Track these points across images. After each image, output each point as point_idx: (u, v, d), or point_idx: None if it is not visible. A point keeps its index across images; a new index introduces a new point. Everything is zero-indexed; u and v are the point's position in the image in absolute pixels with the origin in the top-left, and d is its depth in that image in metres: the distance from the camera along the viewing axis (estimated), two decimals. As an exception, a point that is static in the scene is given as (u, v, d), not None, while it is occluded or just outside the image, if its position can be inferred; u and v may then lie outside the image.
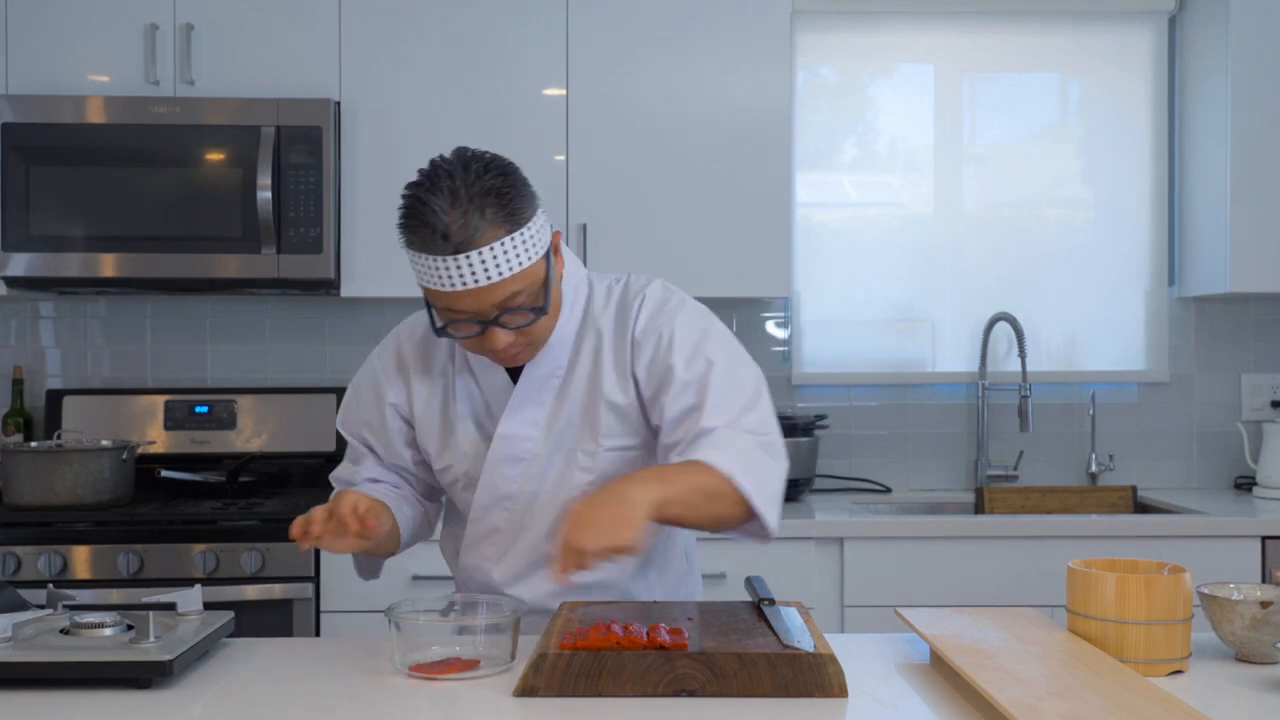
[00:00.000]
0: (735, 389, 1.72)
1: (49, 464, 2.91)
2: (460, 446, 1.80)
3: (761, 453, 1.69)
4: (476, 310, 1.62)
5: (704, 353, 1.73)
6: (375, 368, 1.88)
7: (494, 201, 1.59)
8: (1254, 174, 3.24)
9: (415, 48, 3.18)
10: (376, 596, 2.79)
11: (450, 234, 1.58)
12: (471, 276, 1.59)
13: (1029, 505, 3.40)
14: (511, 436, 1.77)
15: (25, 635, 1.57)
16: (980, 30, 3.59)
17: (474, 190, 1.59)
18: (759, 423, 1.71)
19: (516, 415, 1.77)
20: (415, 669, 1.54)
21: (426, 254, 1.60)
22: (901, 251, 3.61)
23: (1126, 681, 1.38)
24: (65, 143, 3.05)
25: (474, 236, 1.58)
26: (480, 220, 1.58)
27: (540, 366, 1.76)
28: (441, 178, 1.61)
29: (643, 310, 1.77)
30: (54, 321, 3.52)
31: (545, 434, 1.78)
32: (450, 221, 1.58)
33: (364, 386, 1.88)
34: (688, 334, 1.74)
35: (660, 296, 1.79)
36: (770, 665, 1.44)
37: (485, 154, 1.66)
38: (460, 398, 1.80)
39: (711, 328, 1.78)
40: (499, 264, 1.59)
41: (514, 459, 1.78)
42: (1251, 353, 3.61)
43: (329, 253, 3.08)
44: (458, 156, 1.65)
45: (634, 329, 1.76)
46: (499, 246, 1.59)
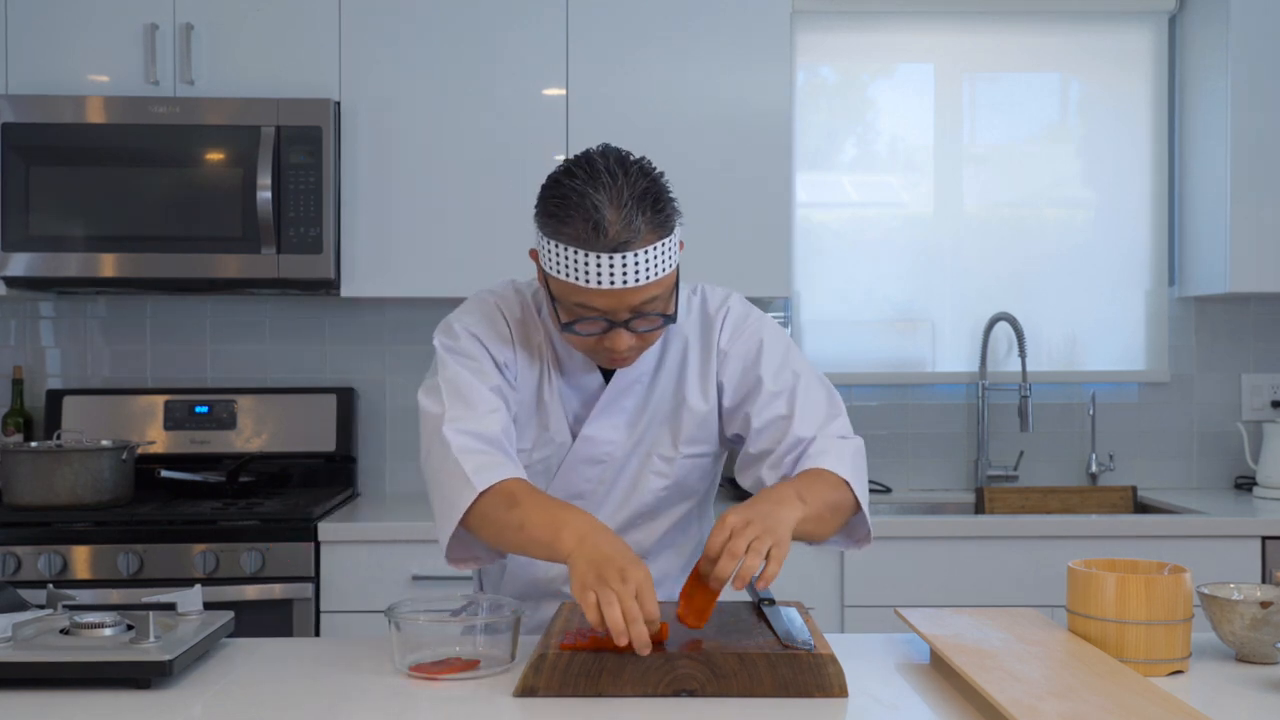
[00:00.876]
0: (818, 400, 1.79)
1: (49, 464, 2.91)
2: (551, 434, 1.80)
3: (860, 459, 1.76)
4: (611, 310, 1.63)
5: (790, 365, 1.80)
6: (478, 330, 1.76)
7: (651, 205, 1.61)
8: (1254, 174, 3.24)
9: (415, 48, 3.18)
10: (376, 596, 2.80)
11: (611, 232, 1.58)
12: (622, 277, 1.59)
13: (1029, 505, 3.40)
14: (595, 439, 1.79)
15: (25, 635, 1.56)
16: (980, 30, 3.59)
17: (634, 192, 1.60)
18: (848, 428, 1.79)
19: (602, 418, 1.79)
20: (415, 669, 1.54)
21: (579, 248, 1.59)
22: (901, 251, 3.61)
23: (1127, 682, 1.38)
24: (65, 143, 3.05)
25: (633, 239, 1.58)
26: (640, 222, 1.59)
27: (629, 371, 1.78)
28: (602, 174, 1.61)
29: (728, 321, 1.82)
30: (54, 321, 3.51)
31: (627, 437, 1.80)
32: (612, 220, 1.58)
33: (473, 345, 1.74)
34: (774, 346, 1.81)
35: (743, 310, 1.85)
36: (770, 665, 1.44)
37: (633, 155, 1.67)
38: (555, 388, 1.80)
39: (790, 341, 1.85)
40: (649, 268, 1.60)
41: (594, 460, 1.80)
42: (1252, 353, 3.61)
43: (329, 253, 3.08)
44: (614, 155, 1.65)
45: (720, 339, 1.81)
46: (652, 250, 1.60)
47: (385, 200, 3.19)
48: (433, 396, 1.72)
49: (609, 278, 1.59)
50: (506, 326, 1.78)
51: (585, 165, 1.63)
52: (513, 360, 1.77)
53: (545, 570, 1.82)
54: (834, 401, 1.81)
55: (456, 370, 1.72)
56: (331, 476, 3.39)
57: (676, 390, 1.81)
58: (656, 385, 1.81)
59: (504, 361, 1.76)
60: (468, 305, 1.81)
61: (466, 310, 1.80)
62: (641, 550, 1.82)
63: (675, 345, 1.82)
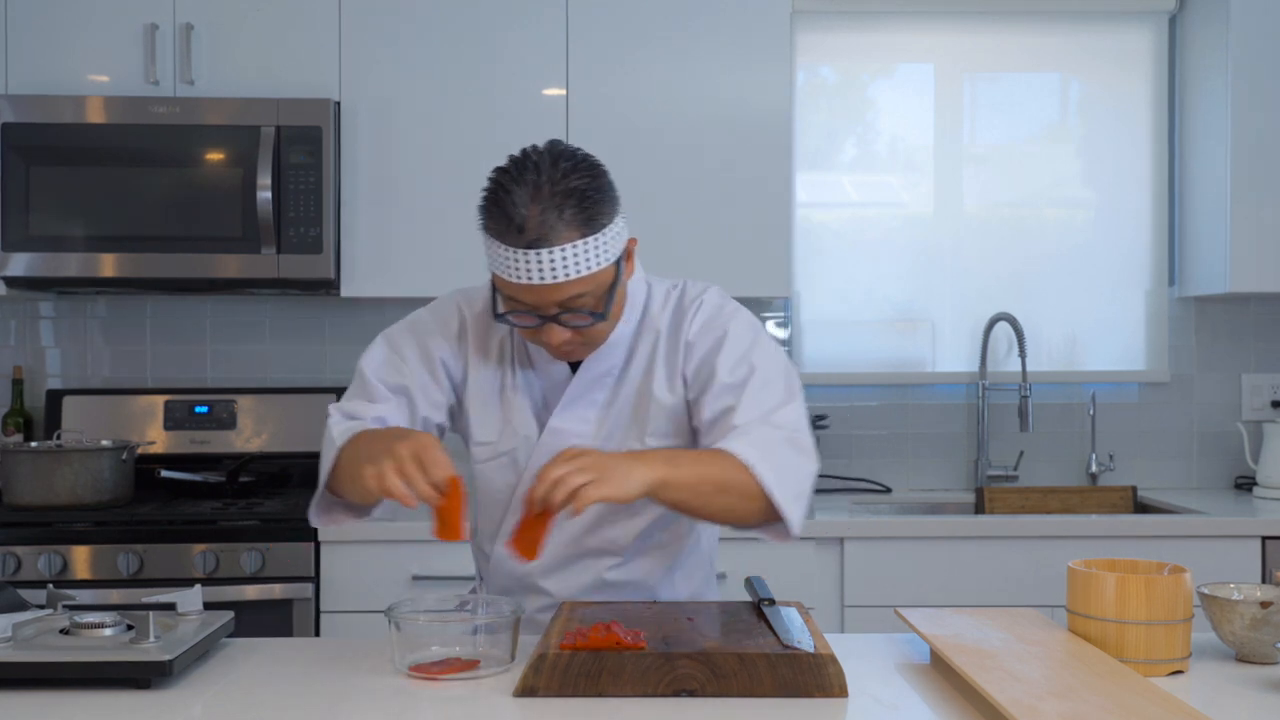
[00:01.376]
0: (769, 391, 1.73)
1: (49, 464, 2.91)
2: (515, 428, 1.80)
3: (788, 447, 1.68)
4: (538, 305, 1.64)
5: (749, 359, 1.75)
6: (426, 322, 1.83)
7: (575, 203, 1.61)
8: (1254, 174, 3.24)
9: (415, 48, 3.18)
10: (376, 596, 2.80)
11: (526, 228, 1.59)
12: (539, 273, 1.60)
13: (1029, 505, 3.40)
14: (562, 431, 1.79)
15: (25, 635, 1.56)
16: (980, 30, 3.59)
17: (558, 189, 1.61)
18: (789, 420, 1.71)
19: (570, 410, 1.79)
20: (415, 669, 1.54)
21: (500, 242, 1.62)
22: (901, 251, 3.60)
23: (1127, 682, 1.38)
24: (65, 143, 3.05)
25: (548, 235, 1.59)
26: (558, 220, 1.60)
27: (597, 364, 1.79)
28: (528, 170, 1.62)
29: (699, 314, 1.80)
30: (54, 321, 3.51)
31: (595, 430, 1.80)
32: (529, 216, 1.59)
33: (418, 337, 1.82)
34: (737, 340, 1.77)
35: (717, 303, 1.82)
36: (770, 665, 1.44)
37: (577, 151, 1.67)
38: (519, 380, 1.81)
39: (760, 337, 1.80)
40: (568, 265, 1.61)
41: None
42: (1252, 353, 3.61)
43: (329, 253, 3.08)
44: (549, 149, 1.66)
45: (688, 331, 1.79)
46: (570, 248, 1.60)
47: (385, 200, 3.18)
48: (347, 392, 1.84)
49: (526, 273, 1.61)
50: (459, 323, 1.82)
51: (519, 160, 1.65)
52: (453, 356, 1.82)
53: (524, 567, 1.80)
54: (790, 394, 1.75)
55: (364, 366, 1.81)
56: (331, 476, 3.39)
57: (644, 382, 1.80)
58: (626, 378, 1.80)
59: (441, 357, 1.81)
60: (436, 302, 1.87)
61: (430, 307, 1.86)
62: (618, 548, 1.82)
63: (647, 338, 1.81)
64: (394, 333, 1.84)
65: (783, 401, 1.73)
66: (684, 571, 1.90)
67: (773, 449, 1.66)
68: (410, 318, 1.86)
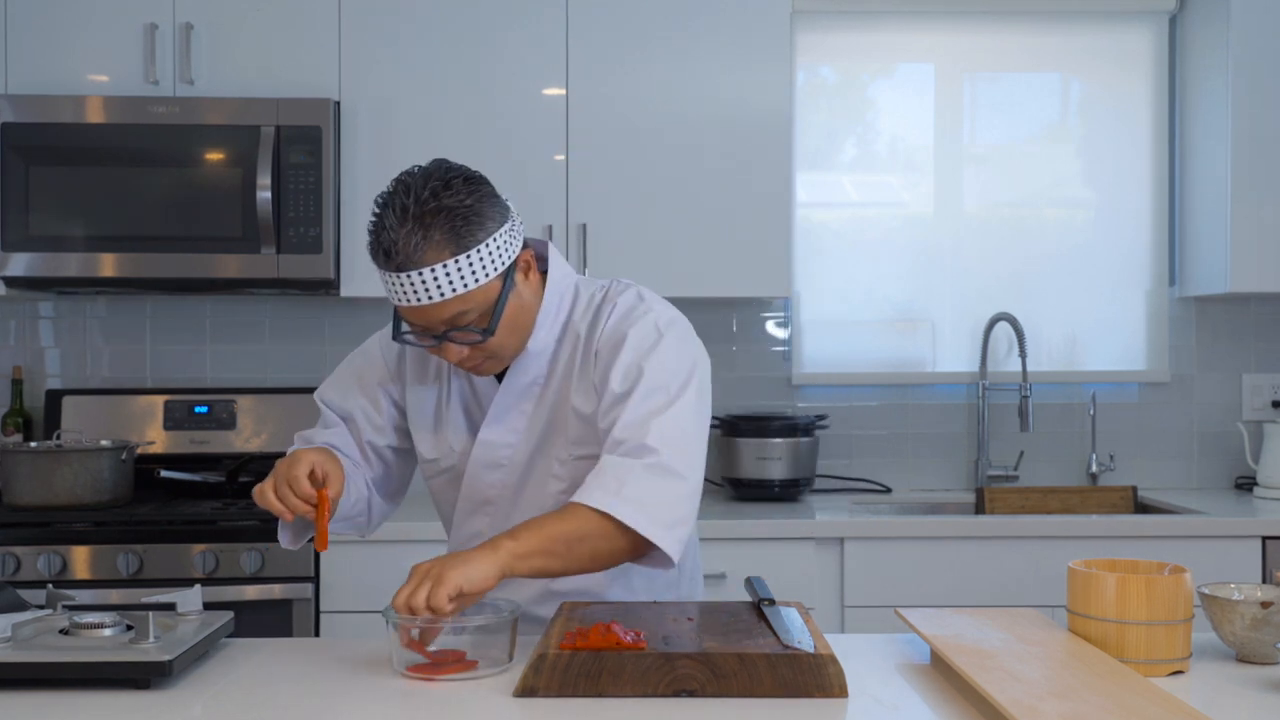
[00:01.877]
0: (653, 398, 1.68)
1: (48, 464, 2.91)
2: (450, 443, 1.83)
3: (650, 476, 1.63)
4: (424, 325, 1.67)
5: (640, 363, 1.70)
6: (373, 351, 1.90)
7: (444, 223, 1.60)
8: (1254, 174, 3.24)
9: (415, 47, 3.18)
10: (376, 596, 2.80)
11: (393, 252, 1.60)
12: (413, 294, 1.62)
13: (1029, 505, 3.40)
14: (491, 443, 1.80)
15: (25, 635, 1.56)
16: (980, 30, 3.59)
17: (426, 209, 1.60)
18: (660, 436, 1.64)
19: (497, 423, 1.80)
20: (412, 669, 1.54)
21: (377, 267, 1.65)
22: (901, 251, 3.60)
23: (1127, 682, 1.38)
24: (65, 142, 3.05)
25: (414, 256, 1.60)
26: (423, 241, 1.60)
27: (522, 375, 1.78)
28: (399, 194, 1.62)
29: (611, 318, 1.76)
30: (53, 321, 3.51)
31: (524, 441, 1.80)
32: (396, 239, 1.60)
33: (358, 364, 1.90)
34: (634, 346, 1.72)
35: (628, 306, 1.77)
36: (770, 665, 1.44)
37: (454, 170, 1.66)
38: (454, 395, 1.84)
39: (665, 338, 1.73)
40: (440, 285, 1.61)
41: (494, 465, 1.81)
42: (1252, 353, 3.61)
43: (329, 253, 3.08)
44: (426, 169, 1.66)
45: (598, 337, 1.76)
46: (440, 269, 1.60)
47: (385, 200, 3.18)
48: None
49: (402, 295, 1.63)
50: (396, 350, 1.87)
51: (396, 183, 1.65)
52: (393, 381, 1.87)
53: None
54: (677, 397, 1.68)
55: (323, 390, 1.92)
56: (331, 476, 3.39)
57: (563, 391, 1.78)
58: (549, 388, 1.79)
59: (380, 383, 1.87)
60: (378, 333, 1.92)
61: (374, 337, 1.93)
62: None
63: (568, 346, 1.79)
64: (344, 365, 1.93)
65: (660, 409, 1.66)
66: (641, 575, 1.84)
67: (630, 482, 1.61)
68: (359, 349, 1.94)
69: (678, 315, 1.80)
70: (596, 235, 3.18)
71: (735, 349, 3.56)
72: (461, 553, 1.58)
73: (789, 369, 3.58)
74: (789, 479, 3.25)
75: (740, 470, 3.27)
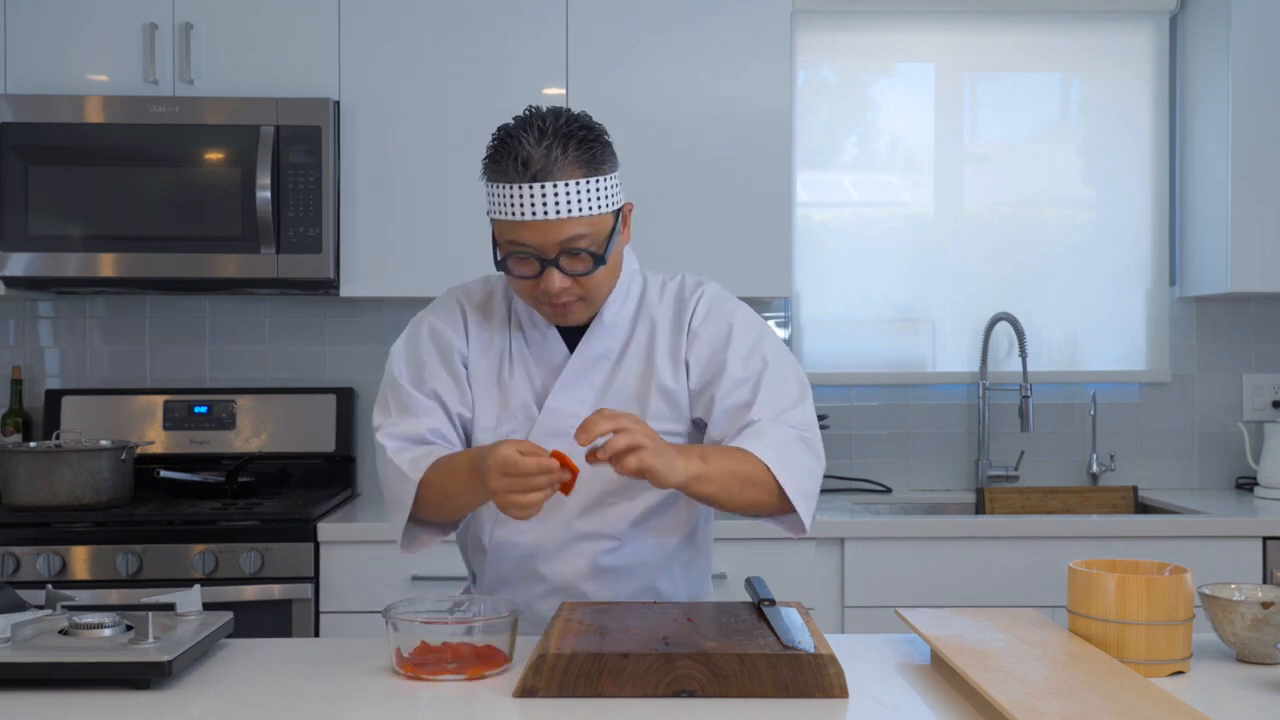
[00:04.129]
0: (783, 388, 1.79)
1: (48, 464, 2.91)
2: (513, 411, 1.82)
3: (801, 446, 1.75)
4: (540, 245, 1.68)
5: (760, 351, 1.81)
6: (434, 323, 1.87)
7: (576, 145, 1.67)
8: (1255, 173, 3.24)
9: (415, 47, 3.18)
10: (376, 597, 2.80)
11: (530, 163, 1.65)
12: (542, 208, 1.65)
13: (1030, 505, 3.40)
14: (560, 411, 1.80)
15: (24, 636, 1.56)
16: (981, 29, 3.59)
17: (561, 131, 1.67)
18: (802, 420, 1.78)
19: (566, 391, 1.81)
20: (411, 669, 1.53)
21: (504, 182, 1.66)
22: (902, 251, 3.60)
23: (1127, 682, 1.38)
24: (64, 142, 3.05)
25: (551, 169, 1.65)
26: (561, 156, 1.66)
27: (594, 345, 1.82)
28: (534, 118, 1.69)
29: (701, 303, 1.85)
30: (53, 321, 3.51)
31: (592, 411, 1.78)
32: (533, 152, 1.65)
33: (425, 340, 1.86)
34: (745, 332, 1.82)
35: (719, 293, 1.88)
36: (771, 666, 1.44)
37: (580, 114, 1.73)
38: (516, 363, 1.84)
39: (765, 329, 1.86)
40: (570, 202, 1.66)
41: (560, 434, 1.78)
42: (1253, 353, 3.61)
43: (328, 252, 3.08)
44: (555, 109, 1.72)
45: (692, 320, 1.83)
46: (574, 185, 1.66)
47: (385, 200, 3.18)
48: (379, 405, 1.87)
49: (529, 208, 1.65)
50: (461, 316, 1.87)
51: (524, 115, 1.72)
52: (465, 347, 1.85)
53: (522, 552, 1.82)
54: (803, 392, 1.81)
55: (395, 378, 1.85)
56: (331, 477, 3.39)
57: (645, 367, 1.82)
58: (624, 362, 1.83)
59: (457, 349, 1.85)
60: (435, 301, 1.92)
61: (431, 307, 1.91)
62: (616, 532, 1.82)
63: (644, 325, 1.84)
64: (411, 342, 1.88)
65: (796, 401, 1.79)
66: (681, 564, 1.90)
67: (787, 448, 1.72)
68: (417, 322, 1.89)
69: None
70: (596, 235, 3.17)
71: (735, 349, 3.56)
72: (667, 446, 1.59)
73: (789, 369, 3.57)
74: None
75: (740, 470, 3.26)
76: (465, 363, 1.85)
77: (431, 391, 1.83)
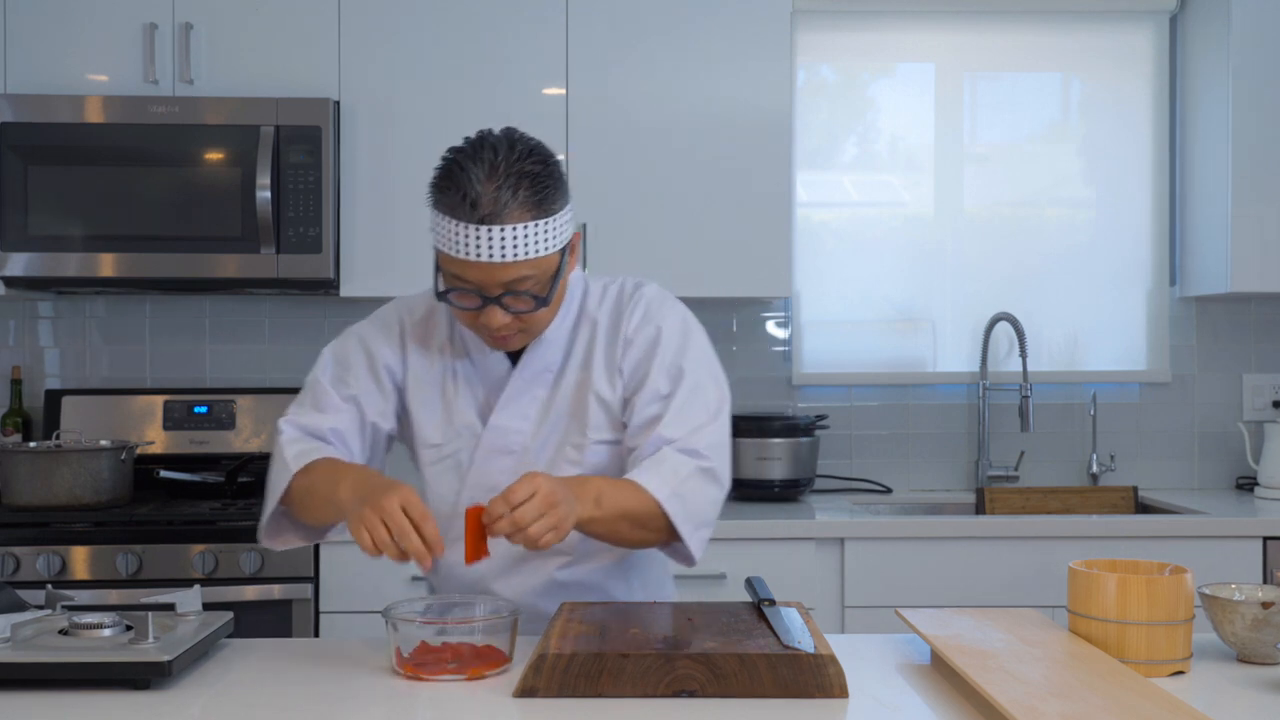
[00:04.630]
0: (698, 404, 1.76)
1: (47, 464, 2.91)
2: (458, 429, 1.81)
3: (700, 479, 1.72)
4: (482, 283, 1.65)
5: (680, 362, 1.78)
6: (366, 333, 1.87)
7: (528, 185, 1.63)
8: (1255, 173, 3.24)
9: (415, 47, 3.18)
10: (375, 597, 2.79)
11: (479, 203, 1.61)
12: (488, 250, 1.62)
13: (1030, 506, 3.40)
14: (503, 428, 1.79)
15: (24, 636, 1.56)
16: (981, 29, 3.59)
17: (513, 169, 1.63)
18: (710, 441, 1.75)
19: (510, 407, 1.80)
20: (411, 670, 1.53)
21: (450, 216, 1.63)
22: (902, 251, 3.60)
23: (1128, 682, 1.38)
24: (64, 142, 3.05)
25: (500, 213, 1.61)
26: (511, 199, 1.62)
27: (535, 361, 1.80)
28: (485, 149, 1.64)
29: (636, 309, 1.82)
30: (53, 321, 3.51)
31: (536, 427, 1.80)
32: (482, 192, 1.61)
33: (356, 348, 1.85)
34: (671, 340, 1.80)
35: (655, 297, 1.84)
36: (771, 666, 1.43)
37: (531, 139, 1.69)
38: (460, 380, 1.82)
39: (693, 337, 1.82)
40: (517, 245, 1.62)
41: (505, 451, 1.80)
42: (1253, 353, 3.61)
43: (328, 252, 3.07)
44: (505, 134, 1.68)
45: (627, 327, 1.80)
46: (522, 228, 1.62)
47: (385, 200, 3.18)
48: (297, 399, 1.86)
49: (475, 249, 1.62)
50: (399, 329, 1.85)
51: (475, 141, 1.67)
52: (399, 362, 1.84)
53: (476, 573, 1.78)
54: (718, 408, 1.78)
55: (317, 376, 1.85)
56: (331, 477, 3.39)
57: (583, 377, 1.81)
58: (565, 373, 1.81)
59: (386, 363, 1.83)
60: (375, 315, 1.90)
61: (371, 319, 1.89)
62: (569, 548, 1.81)
63: (584, 333, 1.82)
64: (339, 344, 1.88)
65: (708, 419, 1.76)
66: (638, 571, 1.89)
67: (685, 482, 1.70)
68: (352, 328, 1.90)
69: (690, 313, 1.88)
70: (596, 235, 3.17)
71: (735, 349, 3.56)
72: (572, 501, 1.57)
73: (789, 369, 3.57)
74: (789, 479, 3.25)
75: (741, 470, 3.26)
76: (395, 381, 1.84)
77: (350, 395, 1.82)
